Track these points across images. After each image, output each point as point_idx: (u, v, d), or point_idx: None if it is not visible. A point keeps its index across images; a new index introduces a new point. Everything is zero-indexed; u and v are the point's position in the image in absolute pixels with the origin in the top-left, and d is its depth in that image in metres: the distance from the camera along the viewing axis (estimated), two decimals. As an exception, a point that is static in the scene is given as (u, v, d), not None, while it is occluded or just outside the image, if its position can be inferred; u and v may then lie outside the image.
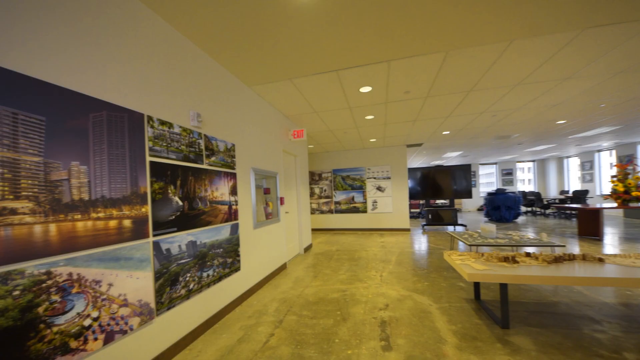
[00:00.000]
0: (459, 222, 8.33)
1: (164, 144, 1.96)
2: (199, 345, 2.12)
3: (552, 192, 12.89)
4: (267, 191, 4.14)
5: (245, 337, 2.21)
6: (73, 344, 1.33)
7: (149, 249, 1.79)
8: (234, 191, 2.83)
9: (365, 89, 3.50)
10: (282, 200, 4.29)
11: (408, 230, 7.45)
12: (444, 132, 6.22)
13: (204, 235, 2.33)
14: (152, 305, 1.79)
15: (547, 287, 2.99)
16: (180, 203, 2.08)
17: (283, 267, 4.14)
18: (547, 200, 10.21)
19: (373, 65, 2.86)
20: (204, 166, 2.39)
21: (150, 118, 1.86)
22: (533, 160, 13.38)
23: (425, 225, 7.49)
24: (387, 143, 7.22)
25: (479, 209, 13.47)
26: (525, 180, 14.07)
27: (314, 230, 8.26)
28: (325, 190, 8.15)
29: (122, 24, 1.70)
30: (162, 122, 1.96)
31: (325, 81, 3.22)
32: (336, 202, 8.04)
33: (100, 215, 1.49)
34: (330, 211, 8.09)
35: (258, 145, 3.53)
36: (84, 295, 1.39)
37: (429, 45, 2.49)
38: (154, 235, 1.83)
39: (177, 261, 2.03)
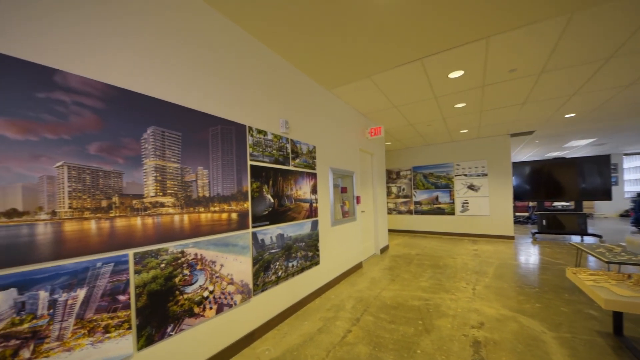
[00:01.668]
0: (590, 231, 6.41)
1: (260, 150, 2.27)
2: (285, 327, 2.36)
3: None
4: (343, 190, 4.23)
5: (324, 328, 2.33)
6: (196, 309, 1.69)
7: (249, 238, 2.11)
8: (314, 190, 3.02)
9: (456, 74, 3.12)
10: (358, 199, 4.30)
11: (511, 238, 6.20)
12: (566, 115, 4.91)
13: (289, 230, 2.57)
14: (250, 286, 2.11)
15: None
16: (272, 200, 2.36)
17: (359, 266, 4.16)
18: None
19: (466, 45, 2.52)
20: (290, 167, 2.63)
21: (250, 128, 2.18)
22: None
23: (536, 233, 6.12)
24: (483, 133, 6.17)
25: (623, 215, 10.13)
26: None
27: (390, 231, 7.95)
28: (403, 190, 7.71)
29: (234, 52, 2.04)
30: (259, 131, 2.28)
31: (407, 72, 3.04)
32: (416, 202, 7.48)
33: (216, 209, 1.85)
34: (410, 212, 7.60)
35: (336, 145, 3.64)
36: (204, 272, 1.75)
37: (545, 9, 2.02)
38: (253, 227, 2.15)
39: (269, 250, 2.31)
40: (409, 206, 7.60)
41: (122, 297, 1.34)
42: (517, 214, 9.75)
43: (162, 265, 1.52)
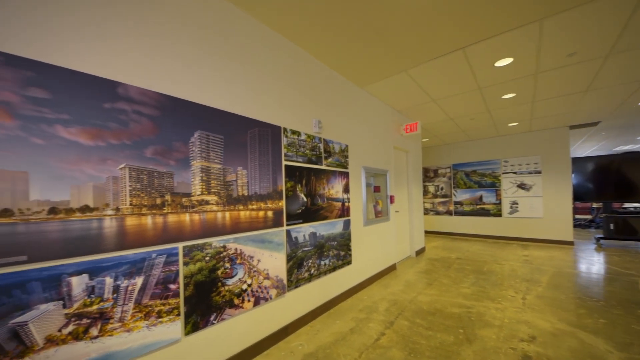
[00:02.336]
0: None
1: (294, 150, 2.32)
2: (318, 325, 2.40)
3: None
4: (376, 189, 4.13)
5: (357, 328, 2.32)
6: (236, 301, 1.80)
7: (283, 235, 2.18)
8: (346, 189, 3.00)
9: (503, 62, 2.85)
10: (392, 199, 4.17)
11: (570, 243, 5.52)
12: (640, 103, 4.21)
13: (322, 228, 2.60)
14: (285, 281, 2.17)
15: None
16: (305, 199, 2.41)
17: (392, 268, 4.05)
18: None
19: (515, 30, 2.28)
20: (323, 167, 2.65)
21: (285, 129, 2.24)
22: None
23: (602, 238, 5.36)
24: (536, 126, 5.55)
25: None
26: None
27: (427, 232, 7.58)
28: (442, 189, 7.29)
29: (272, 56, 2.12)
30: (293, 132, 2.33)
31: (447, 63, 2.85)
32: (456, 202, 7.02)
33: (254, 207, 1.94)
34: (449, 212, 7.16)
35: (369, 143, 3.56)
36: (243, 266, 1.85)
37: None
38: (287, 225, 2.21)
39: (302, 248, 2.36)
40: (448, 206, 7.16)
41: (172, 286, 1.48)
42: (577, 216, 8.63)
43: (207, 258, 1.64)
